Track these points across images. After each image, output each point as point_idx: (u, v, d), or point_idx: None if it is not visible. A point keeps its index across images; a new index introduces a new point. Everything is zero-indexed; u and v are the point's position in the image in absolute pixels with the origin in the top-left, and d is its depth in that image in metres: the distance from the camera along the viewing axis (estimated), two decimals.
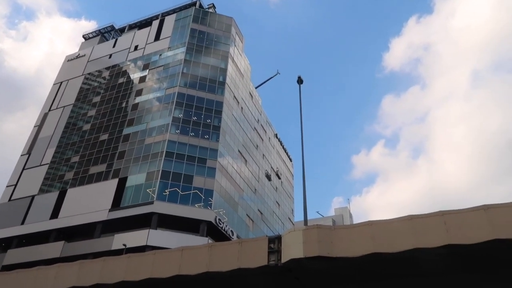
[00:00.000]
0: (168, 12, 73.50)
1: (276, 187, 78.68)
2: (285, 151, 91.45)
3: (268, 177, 74.01)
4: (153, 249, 37.03)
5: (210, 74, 62.20)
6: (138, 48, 69.72)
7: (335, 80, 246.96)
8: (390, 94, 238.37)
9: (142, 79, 64.30)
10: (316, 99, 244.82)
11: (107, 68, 70.23)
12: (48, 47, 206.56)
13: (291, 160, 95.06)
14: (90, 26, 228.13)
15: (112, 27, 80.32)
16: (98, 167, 55.34)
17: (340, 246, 12.95)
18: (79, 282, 16.60)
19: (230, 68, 65.42)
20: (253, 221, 61.99)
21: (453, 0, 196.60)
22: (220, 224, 49.15)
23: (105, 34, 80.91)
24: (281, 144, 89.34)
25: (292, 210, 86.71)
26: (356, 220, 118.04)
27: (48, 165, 60.11)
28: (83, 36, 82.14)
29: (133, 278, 15.59)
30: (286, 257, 13.38)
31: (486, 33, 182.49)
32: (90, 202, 51.00)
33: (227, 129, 59.44)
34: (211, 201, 49.51)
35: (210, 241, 44.91)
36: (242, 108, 68.24)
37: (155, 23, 71.91)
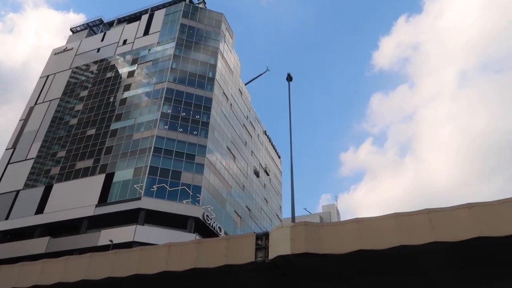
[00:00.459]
0: (158, 7, 72.86)
1: (264, 184, 78.82)
2: (273, 148, 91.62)
3: (257, 173, 74.08)
4: (140, 245, 36.93)
5: (200, 70, 61.87)
6: (127, 42, 68.99)
7: (324, 78, 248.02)
8: (379, 93, 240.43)
9: (131, 74, 63.69)
10: (305, 96, 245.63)
11: (95, 62, 69.39)
12: (35, 40, 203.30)
13: (279, 157, 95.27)
14: (78, 19, 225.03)
15: (100, 21, 79.30)
16: (85, 162, 54.74)
17: (327, 243, 13.03)
18: (65, 278, 16.43)
19: (220, 64, 65.17)
20: (241, 217, 62.04)
21: (441, 1, 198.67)
22: (208, 220, 49.08)
23: (93, 27, 79.85)
24: (269, 141, 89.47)
25: (280, 207, 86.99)
26: (343, 217, 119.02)
27: (33, 159, 59.25)
28: (71, 29, 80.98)
29: (119, 274, 15.49)
30: (273, 253, 13.42)
31: (474, 33, 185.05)
32: (77, 198, 50.47)
33: (216, 125, 59.28)
34: (199, 197, 49.39)
35: (198, 237, 44.87)
36: (231, 104, 68.10)
37: (145, 18, 71.21)
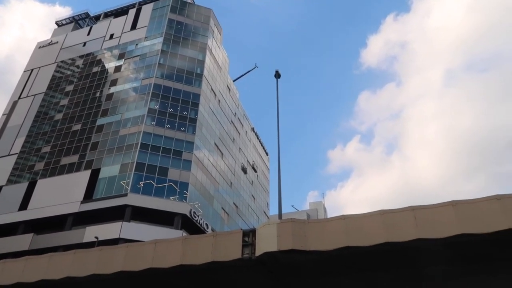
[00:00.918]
0: (145, 1, 72.08)
1: (252, 181, 78.91)
2: (261, 145, 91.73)
3: (244, 170, 74.11)
4: (126, 242, 36.55)
5: (188, 65, 61.50)
6: (114, 37, 68.18)
7: (313, 75, 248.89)
8: (367, 91, 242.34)
9: (118, 69, 63.01)
10: (293, 93, 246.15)
11: (81, 57, 68.44)
12: (19, 33, 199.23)
13: (267, 154, 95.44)
14: (64, 12, 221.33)
15: (86, 14, 78.18)
16: (70, 158, 54.06)
17: (314, 239, 13.10)
18: (48, 275, 16.20)
19: (208, 60, 64.89)
20: (228, 214, 62.03)
21: (429, 0, 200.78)
22: (195, 217, 48.96)
23: (79, 21, 78.68)
24: (257, 138, 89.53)
25: (268, 203, 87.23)
26: (330, 214, 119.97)
27: (17, 155, 58.26)
28: (56, 23, 79.66)
29: (105, 271, 15.34)
30: (260, 250, 13.45)
31: (460, 33, 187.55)
32: (61, 194, 49.83)
33: (204, 121, 59.06)
34: (186, 194, 49.22)
35: (185, 234, 44.73)
36: (219, 101, 67.90)
37: (132, 12, 70.42)
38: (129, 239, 40.54)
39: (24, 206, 51.18)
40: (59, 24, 79.36)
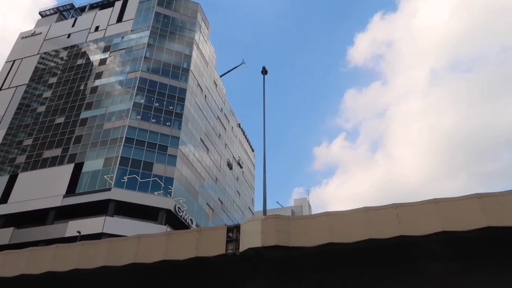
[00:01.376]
0: None
1: (237, 177, 78.89)
2: (247, 141, 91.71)
3: (230, 166, 74.03)
4: (109, 237, 36.22)
5: (174, 60, 60.98)
6: (99, 29, 67.14)
7: (300, 72, 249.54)
8: (353, 89, 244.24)
9: (103, 62, 62.11)
10: (280, 90, 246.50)
11: (65, 48, 67.23)
12: (1, 22, 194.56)
13: (253, 150, 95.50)
14: (49, 2, 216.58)
15: (71, 6, 76.77)
16: (52, 151, 53.18)
17: (298, 236, 13.18)
18: (29, 270, 15.96)
19: (195, 55, 64.44)
20: (213, 210, 61.94)
21: (417, 0, 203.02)
22: (180, 212, 48.74)
23: (63, 12, 77.24)
24: (243, 134, 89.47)
25: (253, 199, 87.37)
26: (314, 211, 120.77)
27: None
28: (40, 13, 77.98)
29: (87, 265, 15.18)
30: (244, 246, 13.47)
31: (445, 34, 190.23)
32: (43, 187, 49.03)
33: (190, 117, 58.71)
34: (171, 189, 48.94)
35: (169, 229, 44.53)
36: (205, 96, 67.56)
37: (118, 4, 69.36)
38: (112, 234, 40.13)
39: (4, 199, 50.20)
40: (43, 14, 77.74)
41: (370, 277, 14.26)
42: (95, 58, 63.36)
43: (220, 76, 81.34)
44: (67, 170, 50.07)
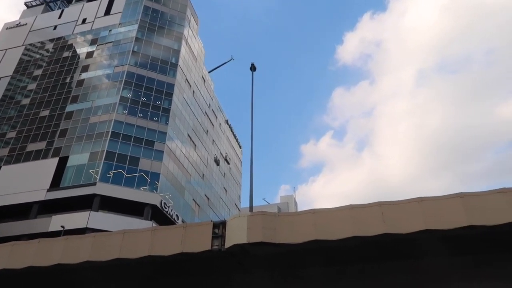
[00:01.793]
0: None
1: (224, 173, 78.77)
2: (235, 137, 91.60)
3: (217, 162, 73.86)
4: (94, 231, 35.92)
5: (162, 54, 60.49)
6: (87, 21, 66.16)
7: (289, 70, 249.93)
8: (341, 87, 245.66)
9: (89, 55, 61.27)
10: (269, 87, 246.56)
11: (51, 40, 66.11)
12: None
13: (240, 146, 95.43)
14: None
15: None
16: (37, 144, 52.34)
17: (283, 232, 13.21)
18: (10, 264, 15.69)
19: (184, 50, 64.00)
20: (199, 206, 61.77)
21: (406, 0, 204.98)
22: (166, 208, 48.49)
23: (50, 3, 75.94)
24: (231, 130, 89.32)
25: (239, 196, 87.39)
26: (300, 208, 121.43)
27: None
28: (25, 4, 76.53)
29: (70, 261, 14.99)
30: (229, 242, 13.46)
31: (433, 34, 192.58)
32: (27, 181, 48.25)
33: (177, 112, 58.35)
34: (157, 184, 48.64)
35: (155, 225, 44.29)
36: (193, 91, 67.20)
37: None
38: (97, 229, 39.79)
39: None
40: (29, 5, 76.29)
41: (355, 274, 14.40)
42: (82, 51, 62.45)
43: (209, 72, 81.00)
44: (51, 164, 49.34)
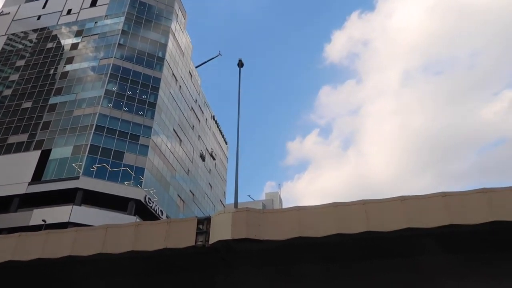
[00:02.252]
0: None
1: (210, 169, 78.54)
2: (221, 133, 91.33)
3: (203, 158, 73.59)
4: (76, 226, 35.43)
5: (149, 48, 59.85)
6: (72, 12, 64.99)
7: (276, 67, 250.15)
8: (328, 85, 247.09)
9: (74, 46, 60.24)
10: (256, 83, 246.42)
11: (34, 30, 64.76)
12: None
13: (226, 143, 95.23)
14: None
15: None
16: (18, 136, 51.33)
17: (268, 229, 13.25)
18: None
19: (171, 44, 63.43)
20: (184, 201, 61.50)
21: (393, 0, 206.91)
22: (150, 203, 48.16)
23: None
24: (217, 126, 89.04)
25: (224, 192, 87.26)
26: (285, 205, 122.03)
27: None
28: None
29: (51, 255, 14.77)
30: (214, 238, 13.44)
31: (419, 35, 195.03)
32: (7, 174, 47.30)
33: (163, 106, 57.88)
34: (142, 179, 48.25)
35: (138, 220, 43.96)
36: (180, 86, 66.72)
37: None
38: (79, 223, 39.32)
39: None
40: None
41: (345, 272, 14.54)
42: (67, 42, 61.36)
43: (196, 67, 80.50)
44: (33, 156, 48.46)
